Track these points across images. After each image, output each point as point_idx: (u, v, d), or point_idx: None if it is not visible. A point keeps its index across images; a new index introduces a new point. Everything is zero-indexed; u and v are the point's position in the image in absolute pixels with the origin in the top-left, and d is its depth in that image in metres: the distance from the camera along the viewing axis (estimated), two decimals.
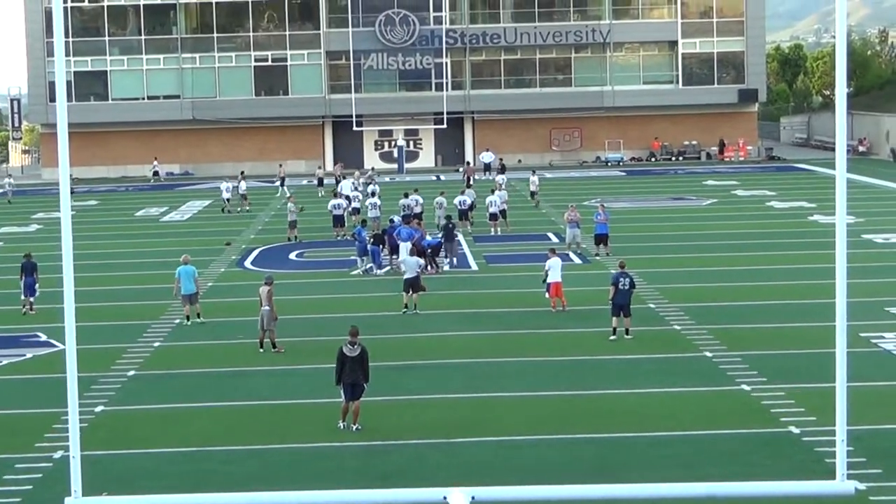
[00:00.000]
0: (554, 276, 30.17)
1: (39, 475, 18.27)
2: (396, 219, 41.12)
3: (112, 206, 61.61)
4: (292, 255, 42.26)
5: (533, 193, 55.15)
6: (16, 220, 55.53)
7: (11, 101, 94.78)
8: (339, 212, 46.14)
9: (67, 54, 74.70)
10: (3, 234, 50.73)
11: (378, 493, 13.63)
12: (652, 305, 30.70)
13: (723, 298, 31.85)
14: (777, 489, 12.43)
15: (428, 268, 35.49)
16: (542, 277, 30.74)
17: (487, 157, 72.89)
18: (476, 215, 47.46)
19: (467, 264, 39.01)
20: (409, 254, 32.60)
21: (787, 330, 27.66)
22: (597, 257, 38.96)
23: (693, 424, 20.26)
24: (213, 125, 79.78)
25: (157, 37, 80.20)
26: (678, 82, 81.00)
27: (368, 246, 37.45)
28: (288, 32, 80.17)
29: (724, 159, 79.37)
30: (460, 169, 68.87)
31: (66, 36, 72.62)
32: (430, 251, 36.98)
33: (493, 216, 45.76)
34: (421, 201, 45.99)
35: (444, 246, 38.66)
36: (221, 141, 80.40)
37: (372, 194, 49.09)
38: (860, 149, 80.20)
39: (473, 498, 11.38)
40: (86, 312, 27.84)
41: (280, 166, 68.21)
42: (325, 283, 36.06)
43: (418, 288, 31.01)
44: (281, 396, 22.85)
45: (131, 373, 25.00)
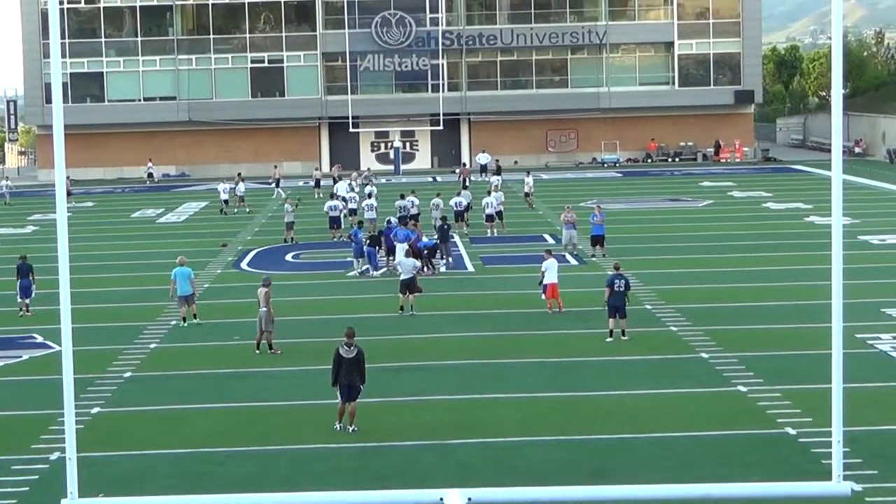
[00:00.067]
0: (550, 277, 30.20)
1: (36, 477, 18.26)
2: (393, 220, 41.16)
3: (108, 208, 61.57)
4: (289, 257, 42.25)
5: (527, 194, 55.17)
6: (12, 221, 55.47)
7: (8, 102, 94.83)
8: (336, 213, 46.16)
9: (63, 56, 74.87)
10: None
11: (375, 495, 13.63)
12: (648, 307, 30.72)
13: (719, 300, 31.87)
14: (773, 490, 12.43)
15: (424, 269, 35.50)
16: (538, 279, 30.78)
17: (484, 158, 72.78)
18: (472, 217, 47.48)
19: (463, 266, 39.03)
20: (406, 255, 32.60)
21: (784, 331, 27.68)
22: (593, 258, 38.97)
23: (689, 425, 20.27)
24: (209, 127, 79.72)
25: (154, 38, 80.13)
26: (674, 83, 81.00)
27: (365, 247, 37.48)
28: (284, 34, 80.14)
29: (721, 160, 79.40)
30: (456, 170, 68.83)
31: (63, 37, 72.58)
32: (426, 252, 36.98)
33: (490, 217, 45.78)
34: (417, 203, 45.98)
35: (439, 247, 38.67)
36: (218, 142, 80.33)
37: (369, 195, 49.05)
38: (856, 150, 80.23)
39: (470, 499, 11.37)
40: (82, 314, 27.85)
41: (275, 167, 68.18)
42: (322, 285, 36.06)
43: (415, 289, 31.03)
44: (277, 398, 22.86)
45: (128, 374, 24.99)
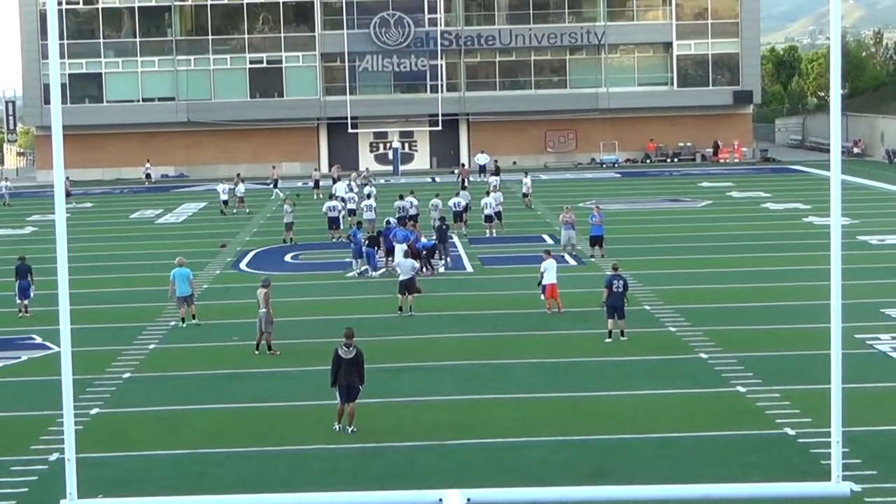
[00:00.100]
0: (549, 277, 30.20)
1: (35, 477, 18.25)
2: (392, 221, 41.17)
3: (107, 209, 61.54)
4: (288, 258, 42.24)
5: (525, 195, 55.17)
6: (11, 222, 55.44)
7: (6, 103, 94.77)
8: (335, 214, 46.17)
9: (62, 56, 74.72)
10: None
11: (374, 496, 13.63)
12: (647, 307, 30.71)
13: (718, 300, 31.87)
14: (772, 491, 12.43)
15: (423, 270, 35.50)
16: (537, 279, 30.77)
17: (482, 158, 72.74)
18: (471, 217, 47.48)
19: (462, 266, 39.03)
20: (404, 256, 32.60)
21: (783, 331, 27.68)
22: (592, 259, 38.96)
23: (688, 426, 20.27)
24: (208, 127, 79.71)
25: (152, 39, 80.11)
26: (673, 84, 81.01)
27: (364, 248, 37.48)
28: (283, 34, 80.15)
29: (719, 161, 79.42)
30: (455, 171, 68.84)
31: (61, 38, 72.45)
32: (425, 253, 36.99)
33: (489, 218, 45.78)
34: (416, 203, 45.97)
35: (437, 247, 38.69)
36: (216, 143, 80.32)
37: (368, 196, 49.03)
38: (855, 150, 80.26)
39: (469, 500, 11.38)
40: (81, 315, 27.82)
41: (273, 168, 68.18)
42: (321, 286, 36.06)
43: (413, 290, 31.04)
44: (276, 398, 22.85)
45: (126, 375, 24.98)
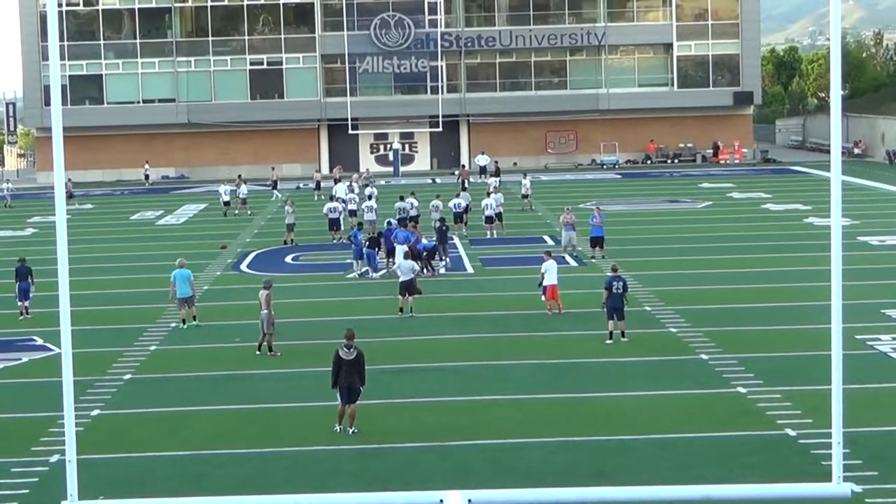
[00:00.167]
0: (550, 278, 30.19)
1: (36, 479, 18.25)
2: (393, 222, 41.17)
3: (107, 210, 61.49)
4: (288, 259, 42.25)
5: (525, 196, 55.17)
6: (11, 224, 55.41)
7: (7, 104, 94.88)
8: (335, 215, 46.18)
9: (62, 58, 74.78)
10: None
11: (374, 497, 13.64)
12: (648, 308, 30.70)
13: (718, 301, 31.86)
14: (773, 492, 12.42)
15: (424, 271, 35.51)
16: (538, 280, 30.77)
17: (483, 160, 72.74)
18: (471, 218, 47.48)
19: (463, 267, 39.03)
20: (404, 257, 32.59)
21: (783, 332, 27.67)
22: (592, 260, 38.96)
23: (689, 427, 20.26)
24: (208, 129, 79.73)
25: (153, 40, 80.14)
26: (673, 85, 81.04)
27: (364, 249, 37.48)
28: (283, 36, 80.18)
29: (720, 162, 79.41)
30: (456, 172, 68.84)
31: (61, 40, 72.46)
32: (425, 254, 36.99)
33: (489, 219, 45.78)
34: (416, 204, 45.97)
35: (437, 248, 38.69)
36: (217, 144, 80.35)
37: (369, 197, 49.02)
38: (855, 151, 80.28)
39: (470, 501, 11.38)
40: (82, 316, 27.84)
41: (272, 169, 68.17)
42: (322, 287, 36.05)
43: (414, 291, 31.04)
44: (277, 400, 22.85)
45: (127, 376, 24.98)
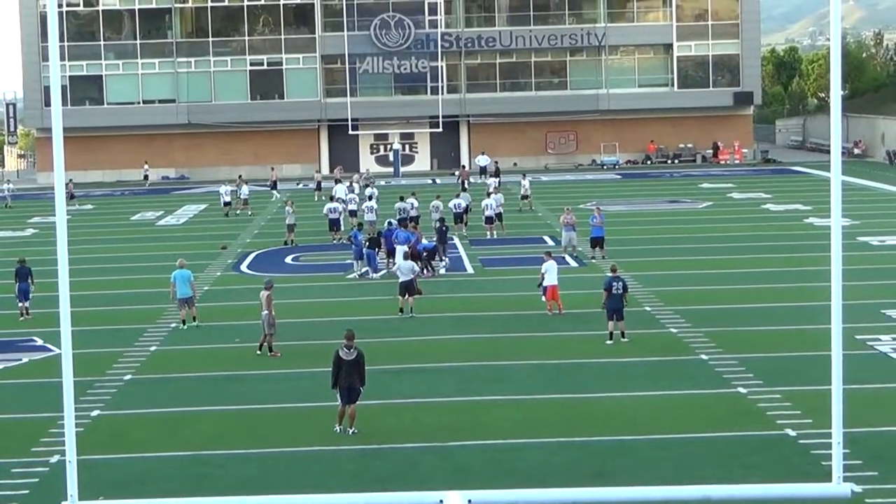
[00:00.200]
0: (550, 279, 30.19)
1: (36, 480, 18.25)
2: (393, 222, 41.19)
3: (108, 211, 61.49)
4: (289, 259, 42.25)
5: (524, 197, 55.18)
6: (12, 224, 55.41)
7: (7, 105, 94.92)
8: (335, 215, 46.19)
9: (62, 59, 74.80)
10: None
11: (375, 497, 13.64)
12: (648, 308, 30.71)
13: (719, 301, 31.87)
14: (773, 492, 12.43)
15: (424, 271, 35.52)
16: (538, 281, 30.77)
17: (483, 160, 72.70)
18: (472, 219, 47.48)
19: (463, 268, 39.03)
20: (404, 257, 32.60)
21: (783, 332, 27.67)
22: (592, 260, 38.95)
23: (689, 427, 20.26)
24: (208, 129, 79.73)
25: (153, 41, 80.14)
26: (673, 85, 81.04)
27: (364, 249, 37.49)
28: (283, 36, 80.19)
29: (720, 162, 79.41)
30: (456, 172, 68.84)
31: (61, 40, 72.44)
32: (425, 255, 37.00)
33: (489, 219, 45.79)
34: (417, 205, 45.97)
35: (437, 248, 38.70)
36: (217, 145, 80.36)
37: (369, 198, 49.02)
38: (855, 151, 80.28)
39: (470, 501, 11.39)
40: (82, 316, 27.84)
41: (272, 170, 68.15)
42: (322, 287, 36.06)
43: (414, 291, 31.05)
44: (277, 400, 22.85)
45: (128, 377, 24.98)
